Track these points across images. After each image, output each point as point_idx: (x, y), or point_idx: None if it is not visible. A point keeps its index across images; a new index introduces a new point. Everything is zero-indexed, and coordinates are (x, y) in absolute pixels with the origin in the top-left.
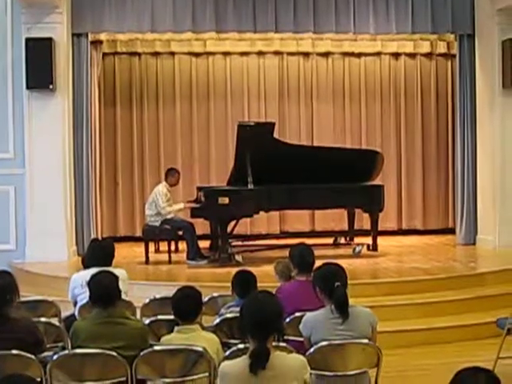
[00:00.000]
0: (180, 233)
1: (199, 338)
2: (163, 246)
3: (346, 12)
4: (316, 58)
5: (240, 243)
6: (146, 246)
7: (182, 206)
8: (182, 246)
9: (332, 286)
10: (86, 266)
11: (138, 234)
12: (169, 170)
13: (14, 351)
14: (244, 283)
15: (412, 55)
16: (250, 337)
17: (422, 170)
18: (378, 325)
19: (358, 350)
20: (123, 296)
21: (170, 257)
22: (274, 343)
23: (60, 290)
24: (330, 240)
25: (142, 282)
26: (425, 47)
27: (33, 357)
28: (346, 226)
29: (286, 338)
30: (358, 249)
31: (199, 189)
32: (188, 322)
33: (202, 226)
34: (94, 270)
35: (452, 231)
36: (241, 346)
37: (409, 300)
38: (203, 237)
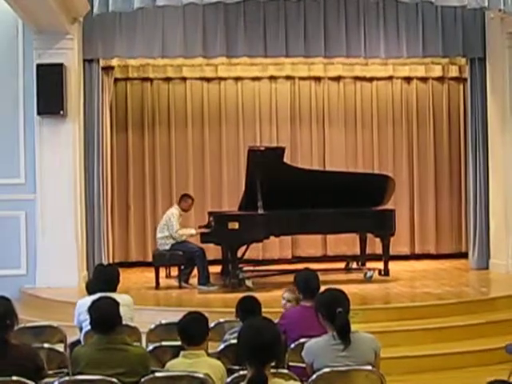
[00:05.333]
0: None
1: (203, 363)
2: (174, 271)
3: (356, 36)
4: (327, 83)
5: (252, 268)
6: (157, 272)
7: (193, 231)
8: (193, 271)
9: (334, 312)
10: (90, 291)
11: (150, 259)
12: (183, 195)
13: (14, 377)
14: (248, 309)
15: (424, 79)
16: (248, 363)
17: (434, 194)
18: (382, 351)
19: (360, 377)
20: (128, 322)
21: (180, 282)
22: (272, 370)
23: (69, 316)
24: (342, 265)
25: (152, 308)
26: (436, 71)
27: (33, 383)
28: (358, 251)
29: (289, 364)
30: (369, 274)
31: (210, 214)
32: (194, 347)
33: (214, 251)
34: (98, 296)
35: (465, 255)
36: (243, 372)
37: (420, 325)
38: (215, 262)
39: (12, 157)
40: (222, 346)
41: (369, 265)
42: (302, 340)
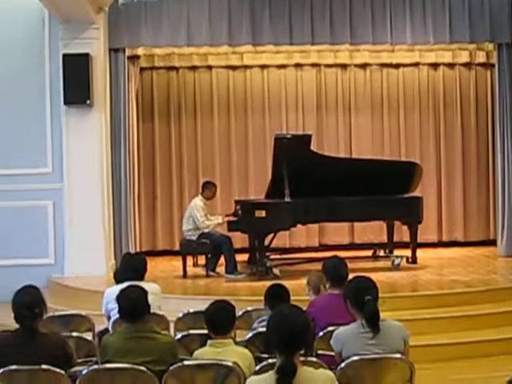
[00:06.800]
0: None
1: (232, 352)
2: (201, 259)
3: (382, 23)
4: (354, 70)
5: (278, 256)
6: (184, 260)
7: (220, 220)
8: (220, 259)
9: (362, 300)
10: (118, 280)
11: (177, 247)
12: (205, 183)
13: (44, 366)
14: (276, 297)
15: (451, 65)
16: (277, 352)
17: (462, 181)
18: (410, 338)
19: (390, 365)
20: (156, 310)
21: (207, 270)
22: (302, 358)
23: (97, 305)
24: (369, 253)
25: (179, 296)
26: (463, 57)
27: (63, 372)
28: (385, 239)
29: (318, 352)
30: (396, 261)
31: (237, 202)
32: (221, 336)
33: (241, 239)
34: (126, 285)
35: (493, 243)
36: (271, 360)
37: (448, 313)
38: (242, 250)
39: (39, 146)
40: (250, 335)
41: (396, 252)
42: (331, 328)
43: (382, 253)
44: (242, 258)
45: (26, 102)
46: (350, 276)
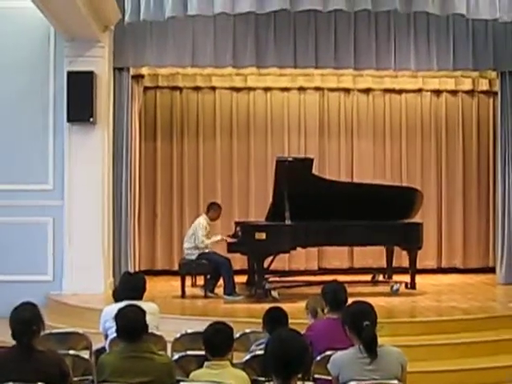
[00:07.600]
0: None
1: (228, 374)
2: (200, 280)
3: (386, 48)
4: (357, 95)
5: (277, 279)
6: (183, 280)
7: (219, 237)
8: (219, 280)
9: (361, 325)
10: (116, 299)
11: (176, 267)
12: (211, 204)
13: None
14: (275, 320)
15: (453, 92)
16: (274, 375)
17: (462, 207)
18: (408, 364)
19: None
20: (154, 330)
21: (205, 291)
22: (299, 382)
23: (95, 323)
24: (369, 277)
25: (177, 317)
26: (466, 84)
27: None
28: (384, 264)
29: (315, 376)
30: (395, 287)
31: (237, 224)
32: (218, 358)
33: (240, 260)
34: (124, 304)
35: (492, 270)
36: (268, 383)
37: (446, 340)
38: (241, 272)
39: (41, 163)
40: (248, 357)
41: (395, 278)
42: (328, 352)
43: (381, 278)
44: (240, 279)
45: (30, 117)
46: (350, 301)
